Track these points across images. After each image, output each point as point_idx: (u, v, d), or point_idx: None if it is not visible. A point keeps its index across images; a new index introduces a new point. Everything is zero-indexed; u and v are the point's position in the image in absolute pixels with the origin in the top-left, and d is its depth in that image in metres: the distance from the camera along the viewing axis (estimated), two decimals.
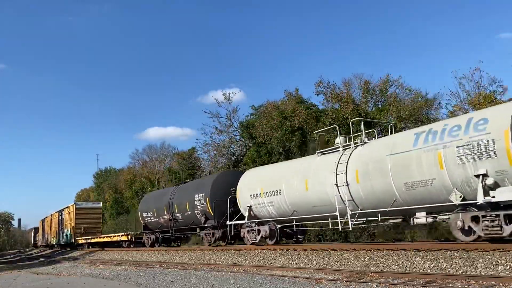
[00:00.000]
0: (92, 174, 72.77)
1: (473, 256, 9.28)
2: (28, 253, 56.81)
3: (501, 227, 9.60)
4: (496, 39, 70.20)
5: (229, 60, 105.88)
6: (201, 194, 20.44)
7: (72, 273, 16.52)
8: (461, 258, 9.39)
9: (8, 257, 44.96)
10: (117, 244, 33.04)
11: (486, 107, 21.25)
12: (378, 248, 11.85)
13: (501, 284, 7.36)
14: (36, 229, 69.00)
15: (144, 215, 26.65)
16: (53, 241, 47.50)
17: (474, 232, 10.30)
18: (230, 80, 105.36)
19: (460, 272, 8.87)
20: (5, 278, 16.40)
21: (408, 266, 10.11)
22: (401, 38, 79.72)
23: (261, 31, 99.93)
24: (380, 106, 29.20)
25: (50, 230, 49.54)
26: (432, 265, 9.67)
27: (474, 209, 10.21)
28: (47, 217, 53.71)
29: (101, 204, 42.08)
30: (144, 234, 27.35)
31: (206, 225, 20.14)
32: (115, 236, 31.71)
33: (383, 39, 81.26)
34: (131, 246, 29.34)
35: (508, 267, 8.37)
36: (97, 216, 39.46)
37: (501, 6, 65.45)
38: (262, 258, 14.62)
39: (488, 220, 9.83)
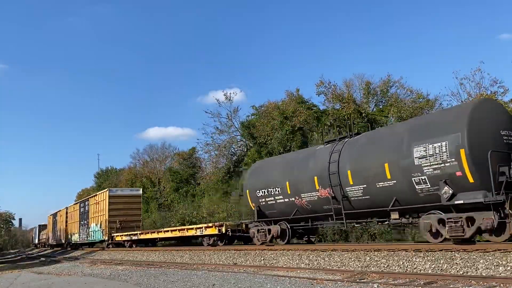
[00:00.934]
0: (93, 174, 72.74)
1: (474, 256, 9.28)
2: (29, 252, 56.87)
3: None
4: (496, 40, 70.25)
5: (229, 61, 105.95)
6: (440, 144, 10.69)
7: (73, 272, 16.54)
8: (461, 258, 9.39)
9: (9, 256, 45.03)
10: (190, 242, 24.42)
11: None
12: (379, 248, 11.85)
13: (502, 285, 7.36)
14: (41, 227, 63.45)
15: (259, 194, 16.44)
16: (73, 238, 39.02)
17: None
18: (230, 80, 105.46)
19: (461, 272, 8.86)
20: (6, 277, 16.42)
21: (409, 266, 10.11)
22: (402, 38, 79.73)
23: (261, 31, 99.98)
24: (381, 106, 29.25)
25: (66, 226, 41.82)
26: (433, 266, 9.67)
27: None
28: (60, 210, 45.92)
29: (140, 191, 33.38)
30: (251, 225, 17.33)
31: (456, 202, 10.49)
32: (192, 229, 21.30)
33: (384, 39, 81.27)
34: (220, 243, 19.53)
35: (509, 268, 8.37)
36: (137, 207, 31.48)
37: (500, 7, 65.46)
38: (263, 258, 14.62)
39: None
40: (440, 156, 10.69)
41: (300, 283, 9.32)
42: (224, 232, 18.67)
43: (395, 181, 11.76)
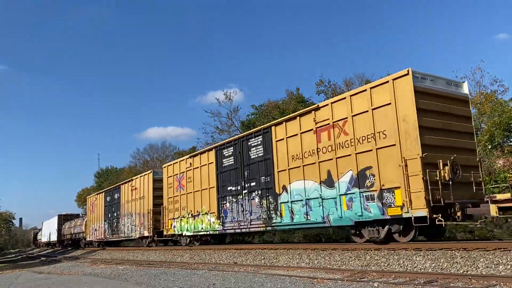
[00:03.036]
0: (93, 174, 72.80)
1: (474, 255, 9.28)
2: (29, 252, 56.90)
3: None
4: (495, 39, 70.29)
5: (228, 61, 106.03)
6: None
7: (73, 272, 16.55)
8: (462, 257, 9.39)
9: (10, 256, 45.07)
10: None
11: (487, 106, 21.27)
12: (379, 247, 11.85)
13: (502, 283, 7.36)
14: (65, 217, 48.74)
15: None
16: (196, 227, 19.76)
17: None
18: (229, 80, 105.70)
19: (461, 271, 8.87)
20: (7, 277, 16.45)
21: (409, 265, 10.11)
22: (402, 38, 79.75)
23: (261, 31, 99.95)
24: None
25: (163, 206, 22.58)
26: (433, 265, 9.67)
27: None
28: (133, 179, 27.16)
29: (466, 88, 12.45)
30: None
31: None
32: None
33: (384, 39, 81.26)
34: None
35: (509, 267, 8.37)
36: (468, 127, 12.27)
37: (498, 8, 65.52)
38: (263, 257, 14.63)
39: None
40: None
41: (301, 282, 9.32)
42: None
43: None
